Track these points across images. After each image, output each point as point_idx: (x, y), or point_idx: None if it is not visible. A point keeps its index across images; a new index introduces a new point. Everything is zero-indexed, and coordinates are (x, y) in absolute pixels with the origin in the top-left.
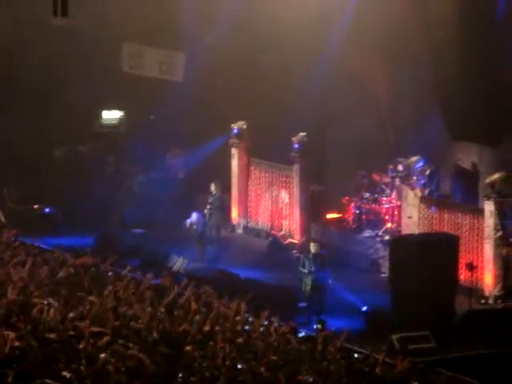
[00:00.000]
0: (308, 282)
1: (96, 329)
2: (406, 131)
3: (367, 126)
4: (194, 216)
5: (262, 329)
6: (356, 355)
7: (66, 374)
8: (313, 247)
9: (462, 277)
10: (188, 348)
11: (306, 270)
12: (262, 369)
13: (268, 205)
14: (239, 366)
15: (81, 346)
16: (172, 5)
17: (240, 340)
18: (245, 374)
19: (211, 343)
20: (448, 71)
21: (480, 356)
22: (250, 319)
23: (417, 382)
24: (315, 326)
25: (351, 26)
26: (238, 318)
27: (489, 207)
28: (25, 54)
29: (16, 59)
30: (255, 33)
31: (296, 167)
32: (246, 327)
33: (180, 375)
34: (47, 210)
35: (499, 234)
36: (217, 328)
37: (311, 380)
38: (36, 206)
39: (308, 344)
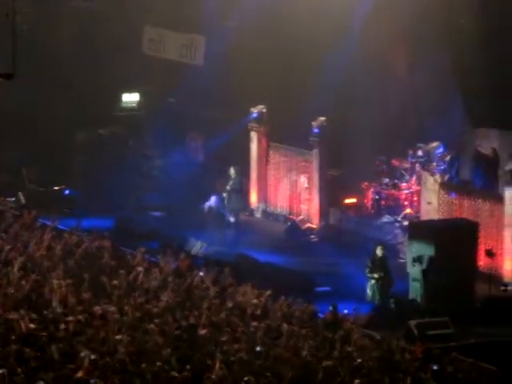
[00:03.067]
0: (376, 288)
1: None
2: (427, 116)
3: (388, 111)
4: (213, 199)
5: (280, 313)
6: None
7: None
8: (379, 250)
9: (481, 263)
10: (204, 331)
11: (376, 276)
12: (282, 352)
13: (287, 189)
14: (258, 349)
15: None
16: None
17: (259, 324)
18: (263, 358)
19: (228, 328)
20: (470, 57)
21: (498, 343)
22: (269, 303)
23: (434, 367)
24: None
25: (374, 10)
26: (255, 301)
27: (509, 194)
28: (47, 38)
29: (38, 43)
30: (276, 16)
31: (315, 152)
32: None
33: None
34: (67, 191)
35: None
36: (235, 312)
37: (331, 364)
38: (56, 188)
39: (328, 328)
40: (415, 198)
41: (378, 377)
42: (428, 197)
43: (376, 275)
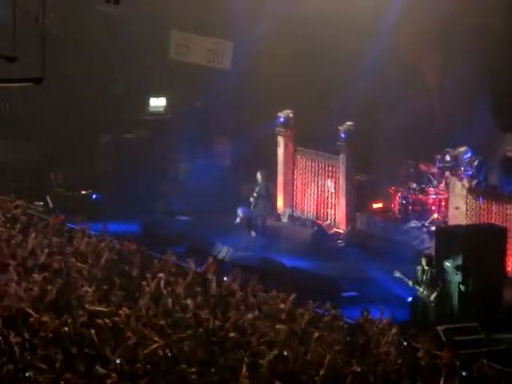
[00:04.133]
0: (427, 302)
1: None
2: (455, 121)
3: (416, 116)
4: (246, 206)
5: (307, 317)
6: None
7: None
8: (424, 260)
9: (509, 269)
10: (232, 335)
11: (422, 290)
12: (309, 356)
13: (314, 194)
14: (285, 354)
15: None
16: None
17: (284, 328)
18: (290, 363)
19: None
20: (499, 60)
21: None
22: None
23: (463, 373)
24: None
25: (402, 13)
26: (282, 306)
27: None
28: (75, 42)
29: (66, 46)
30: (304, 21)
31: (342, 156)
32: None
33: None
34: (94, 195)
35: None
36: (261, 316)
37: (360, 370)
38: (83, 192)
39: (356, 333)
40: (443, 203)
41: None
42: (456, 202)
43: (422, 290)
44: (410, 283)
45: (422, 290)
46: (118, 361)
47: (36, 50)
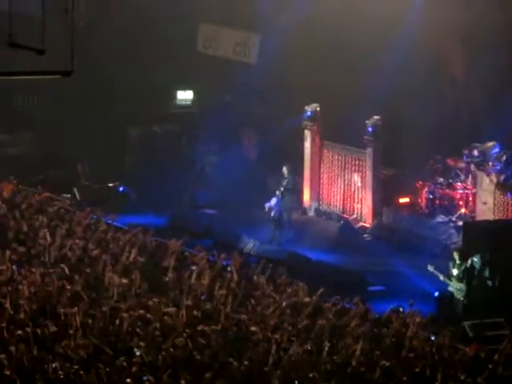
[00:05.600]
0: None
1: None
2: (483, 116)
3: (443, 110)
4: (274, 200)
5: (333, 311)
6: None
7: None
8: (457, 254)
9: None
10: (253, 329)
11: (453, 285)
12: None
13: (340, 188)
14: (309, 348)
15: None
16: None
17: (308, 322)
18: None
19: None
20: None
21: None
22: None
23: (491, 368)
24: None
25: (430, 7)
26: (307, 299)
27: None
28: (103, 35)
29: (95, 40)
30: (331, 14)
31: (369, 151)
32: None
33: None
34: (121, 188)
35: None
36: (288, 310)
37: (388, 364)
38: (110, 184)
39: (382, 328)
40: (470, 198)
41: (433, 378)
42: (483, 197)
43: (454, 283)
44: (442, 277)
45: (452, 284)
46: (138, 353)
47: (65, 42)
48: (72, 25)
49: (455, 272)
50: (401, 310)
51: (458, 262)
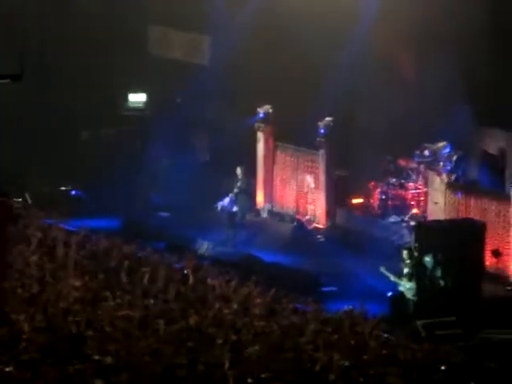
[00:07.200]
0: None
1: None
2: (434, 116)
3: (395, 111)
4: (227, 200)
5: (286, 312)
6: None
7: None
8: (405, 253)
9: (487, 263)
10: (208, 330)
11: (403, 284)
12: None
13: (293, 189)
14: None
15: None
16: None
17: (262, 323)
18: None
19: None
20: (478, 57)
21: (505, 342)
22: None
23: (442, 367)
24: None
25: (382, 9)
26: (259, 300)
27: None
28: (53, 38)
29: (44, 43)
30: (282, 16)
31: (322, 152)
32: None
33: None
34: (73, 192)
35: None
36: (240, 311)
37: (346, 364)
38: (63, 188)
39: (336, 328)
40: (422, 198)
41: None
42: (435, 197)
43: (404, 283)
44: (392, 278)
45: (403, 284)
46: (96, 357)
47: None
48: (22, 30)
49: (405, 271)
50: (354, 310)
51: (406, 260)
